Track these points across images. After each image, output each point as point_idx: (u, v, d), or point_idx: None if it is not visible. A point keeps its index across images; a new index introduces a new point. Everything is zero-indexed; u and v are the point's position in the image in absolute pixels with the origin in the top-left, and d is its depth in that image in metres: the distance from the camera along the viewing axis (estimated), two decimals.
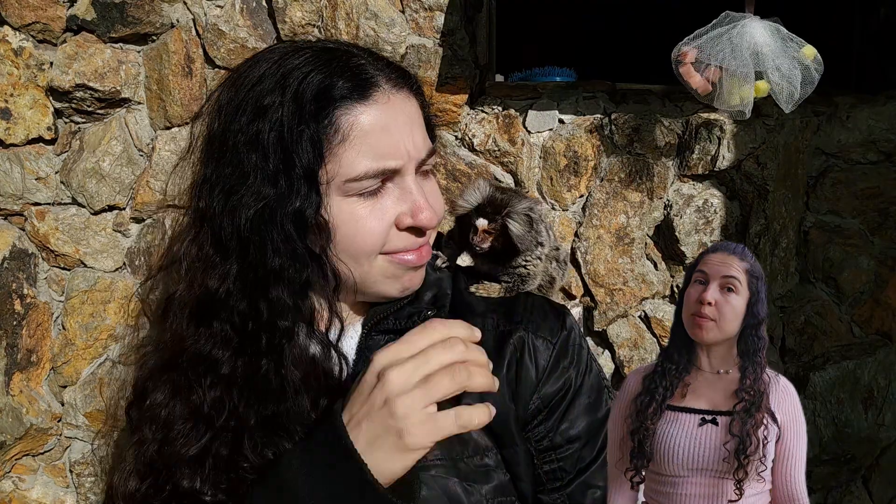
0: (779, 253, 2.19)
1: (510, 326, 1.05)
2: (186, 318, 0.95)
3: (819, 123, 2.21)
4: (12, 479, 2.07)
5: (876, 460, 2.23)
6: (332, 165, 0.93)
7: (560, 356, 1.02)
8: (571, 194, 2.16)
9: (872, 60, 2.18)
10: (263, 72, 0.95)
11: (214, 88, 1.00)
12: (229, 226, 0.93)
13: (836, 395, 2.20)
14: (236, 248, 0.93)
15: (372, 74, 0.96)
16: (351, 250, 0.96)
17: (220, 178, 0.94)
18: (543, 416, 1.00)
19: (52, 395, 2.09)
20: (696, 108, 2.14)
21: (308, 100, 0.93)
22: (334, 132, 0.93)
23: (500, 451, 0.99)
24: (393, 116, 0.96)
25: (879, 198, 2.22)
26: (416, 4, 2.09)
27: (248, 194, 0.92)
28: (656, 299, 2.19)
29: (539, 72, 2.16)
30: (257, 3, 2.09)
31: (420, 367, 0.80)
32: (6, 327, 2.05)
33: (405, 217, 0.96)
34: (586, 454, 1.00)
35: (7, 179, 2.05)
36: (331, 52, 0.98)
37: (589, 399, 1.01)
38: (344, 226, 0.95)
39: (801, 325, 2.23)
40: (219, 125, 0.96)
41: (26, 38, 2.04)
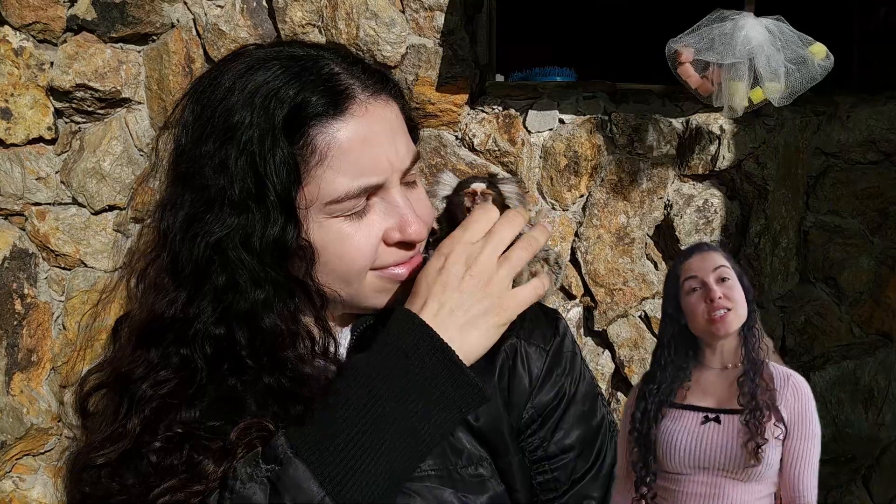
0: (779, 253, 2.19)
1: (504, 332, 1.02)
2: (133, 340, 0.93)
3: (819, 123, 2.21)
4: (13, 479, 2.07)
5: (876, 460, 2.23)
6: (311, 188, 0.88)
7: (554, 364, 0.99)
8: (571, 194, 2.16)
9: (872, 60, 2.18)
10: (229, 86, 0.89)
11: (178, 100, 0.94)
12: (188, 253, 0.88)
13: (836, 395, 2.20)
14: (190, 276, 0.88)
15: (346, 84, 0.90)
16: (339, 271, 0.92)
17: (184, 202, 0.89)
18: (537, 426, 0.97)
19: (52, 395, 2.09)
20: (696, 108, 2.14)
21: (280, 120, 0.87)
22: (311, 153, 0.88)
23: (495, 461, 0.97)
24: (372, 128, 0.90)
25: (879, 198, 2.22)
26: (416, 4, 2.09)
27: (215, 221, 0.87)
28: (656, 299, 2.19)
29: (539, 72, 2.16)
30: (257, 3, 2.09)
31: (498, 246, 0.85)
32: (7, 327, 2.05)
33: (393, 232, 0.92)
34: (580, 464, 0.97)
35: (7, 179, 2.05)
36: (299, 61, 0.91)
37: (583, 407, 0.99)
38: (330, 246, 0.91)
39: (801, 325, 2.23)
40: (185, 143, 0.91)
41: (27, 38, 2.04)
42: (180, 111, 0.92)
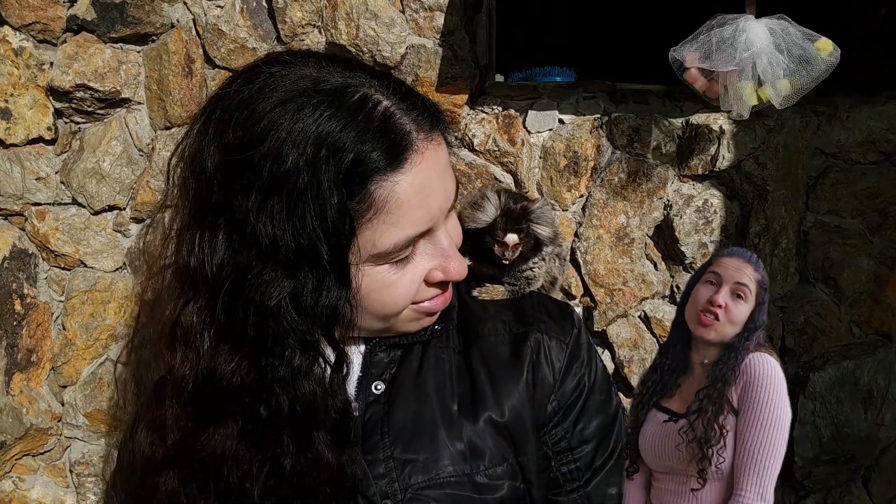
0: (779, 253, 2.20)
1: (524, 328, 1.04)
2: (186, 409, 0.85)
3: (819, 123, 2.21)
4: (12, 479, 2.07)
5: (876, 460, 2.23)
6: (364, 241, 0.84)
7: (573, 356, 1.01)
8: (571, 194, 2.16)
9: (872, 60, 2.18)
10: (270, 122, 0.80)
11: (197, 115, 0.86)
12: (242, 313, 0.81)
13: (835, 395, 2.20)
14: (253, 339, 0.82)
15: (406, 131, 0.84)
16: (378, 314, 0.92)
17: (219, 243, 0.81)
18: (559, 418, 0.99)
19: (52, 395, 2.09)
20: (696, 108, 2.14)
21: (338, 175, 0.79)
22: (367, 207, 0.82)
23: (517, 459, 0.98)
24: (429, 175, 0.86)
25: (879, 198, 2.22)
26: (416, 4, 2.10)
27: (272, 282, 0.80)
28: (656, 299, 2.19)
29: (539, 72, 2.16)
30: (257, 3, 2.09)
31: None
32: (6, 327, 2.05)
33: (436, 272, 0.92)
34: (601, 452, 0.99)
35: (7, 179, 2.05)
36: (346, 96, 0.83)
37: (601, 397, 1.00)
38: (373, 294, 0.89)
39: (800, 326, 2.23)
40: (213, 172, 0.82)
41: (26, 38, 2.04)
42: (203, 130, 0.85)
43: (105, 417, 2.08)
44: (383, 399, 0.99)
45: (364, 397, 0.99)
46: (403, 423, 0.97)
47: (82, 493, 2.09)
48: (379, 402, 0.99)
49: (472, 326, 1.05)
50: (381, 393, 1.00)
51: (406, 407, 0.99)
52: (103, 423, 2.08)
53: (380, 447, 0.96)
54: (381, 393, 1.00)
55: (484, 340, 1.03)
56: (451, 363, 1.02)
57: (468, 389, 1.00)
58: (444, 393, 1.00)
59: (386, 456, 0.95)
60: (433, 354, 1.03)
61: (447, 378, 1.01)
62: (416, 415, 0.98)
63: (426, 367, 1.02)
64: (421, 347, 1.03)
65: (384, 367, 1.01)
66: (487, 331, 1.05)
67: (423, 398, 0.99)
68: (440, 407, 0.99)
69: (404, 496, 0.93)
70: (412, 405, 0.99)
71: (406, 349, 1.03)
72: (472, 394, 0.99)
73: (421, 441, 0.96)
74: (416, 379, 1.01)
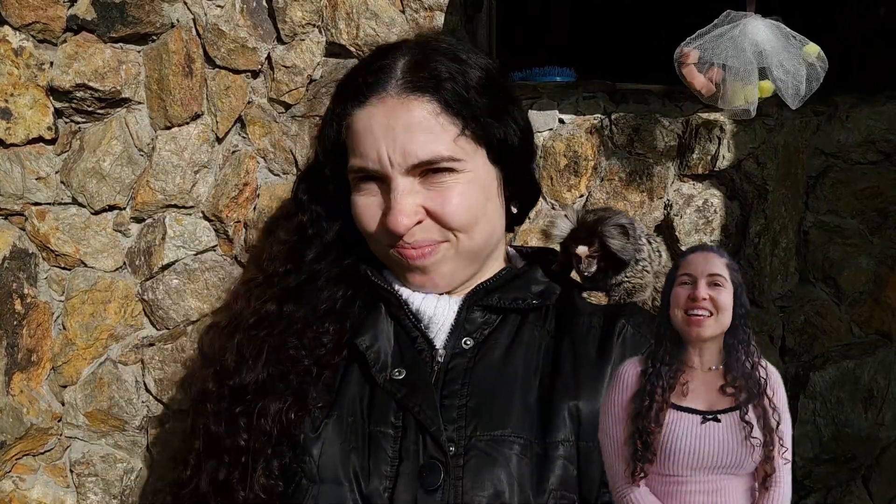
0: (779, 253, 2.20)
1: (615, 320, 1.15)
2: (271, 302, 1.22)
3: (819, 123, 2.21)
4: (12, 479, 2.07)
5: (876, 460, 2.23)
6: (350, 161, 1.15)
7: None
8: (571, 194, 2.16)
9: (872, 60, 2.18)
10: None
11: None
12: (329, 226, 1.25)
13: (835, 395, 2.20)
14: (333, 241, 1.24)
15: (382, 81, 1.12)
16: (363, 234, 1.18)
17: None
18: None
19: (52, 395, 2.09)
20: (696, 108, 2.14)
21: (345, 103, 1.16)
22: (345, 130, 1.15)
23: (578, 443, 1.04)
24: (381, 122, 1.08)
25: (879, 198, 2.22)
26: (416, 4, 2.10)
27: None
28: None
29: (539, 72, 2.15)
30: (257, 3, 2.09)
31: None
32: (6, 327, 2.05)
33: (384, 219, 1.12)
34: None
35: (7, 179, 2.05)
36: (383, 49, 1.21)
37: None
38: (354, 212, 1.16)
39: (800, 325, 2.23)
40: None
41: (26, 38, 2.04)
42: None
43: (105, 417, 2.08)
44: (470, 354, 1.12)
45: (451, 348, 1.12)
46: (485, 380, 1.08)
47: (82, 493, 2.09)
48: (465, 355, 1.12)
49: (570, 317, 1.17)
50: (469, 348, 1.12)
51: (490, 367, 1.10)
52: (103, 423, 2.09)
53: (457, 395, 1.07)
54: (468, 348, 1.12)
55: (577, 331, 1.14)
56: (543, 343, 1.14)
57: (551, 371, 1.10)
58: (530, 366, 1.11)
59: (461, 404, 1.06)
60: (528, 330, 1.15)
61: (536, 354, 1.12)
62: (498, 376, 1.09)
63: (518, 340, 1.13)
64: (519, 321, 1.16)
65: (478, 326, 1.15)
66: (582, 323, 1.15)
67: (509, 364, 1.10)
68: (523, 376, 1.09)
69: (467, 443, 1.03)
70: (497, 366, 1.10)
71: (503, 318, 1.15)
72: (553, 375, 1.09)
73: (495, 399, 1.07)
74: (506, 345, 1.13)
